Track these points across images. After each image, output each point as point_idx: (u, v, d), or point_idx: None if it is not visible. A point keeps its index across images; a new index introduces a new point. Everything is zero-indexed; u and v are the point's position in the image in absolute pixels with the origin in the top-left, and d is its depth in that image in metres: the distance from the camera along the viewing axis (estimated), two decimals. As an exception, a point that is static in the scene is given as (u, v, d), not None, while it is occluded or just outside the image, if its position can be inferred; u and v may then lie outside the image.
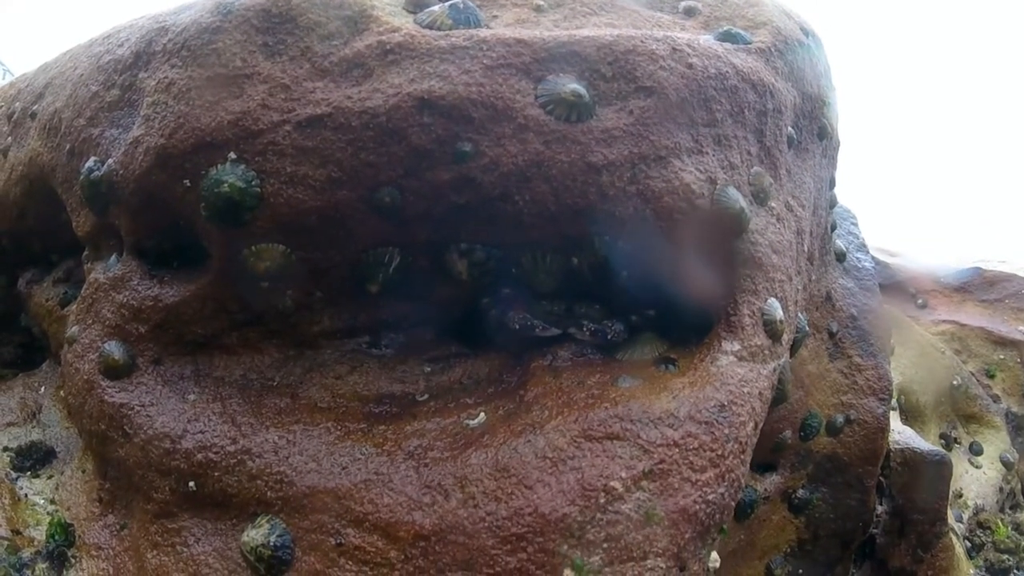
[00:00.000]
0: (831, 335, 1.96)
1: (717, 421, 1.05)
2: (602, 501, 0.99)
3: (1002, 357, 2.52)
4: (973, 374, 2.50)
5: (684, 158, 1.17)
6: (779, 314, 1.26)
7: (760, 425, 1.22)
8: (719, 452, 1.05)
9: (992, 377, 2.53)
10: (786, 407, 1.85)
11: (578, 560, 0.97)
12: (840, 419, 1.97)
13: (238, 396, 1.31)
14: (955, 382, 2.43)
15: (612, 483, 1.00)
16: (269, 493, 1.20)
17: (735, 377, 1.12)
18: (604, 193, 1.12)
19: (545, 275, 1.19)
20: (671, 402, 1.06)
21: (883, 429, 2.02)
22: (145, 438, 1.30)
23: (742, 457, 1.08)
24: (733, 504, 1.10)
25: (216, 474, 1.24)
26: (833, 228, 1.93)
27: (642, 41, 1.19)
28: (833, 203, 1.87)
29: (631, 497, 1.00)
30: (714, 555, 1.12)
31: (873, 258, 2.70)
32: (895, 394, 2.33)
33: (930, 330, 2.52)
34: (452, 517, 1.04)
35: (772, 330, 1.23)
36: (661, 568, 0.99)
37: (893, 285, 2.67)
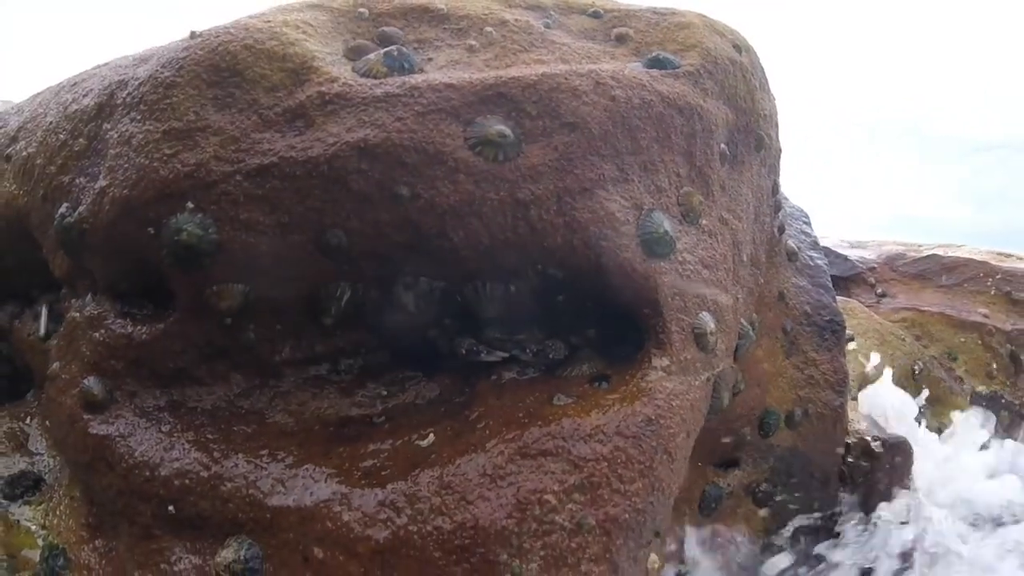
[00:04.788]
0: (785, 333, 2.06)
1: (644, 434, 1.16)
2: (537, 513, 1.10)
3: (963, 340, 2.62)
4: (935, 358, 2.60)
5: (609, 187, 1.26)
6: (711, 326, 1.36)
7: (695, 433, 1.32)
8: (647, 464, 1.15)
9: (955, 360, 2.63)
10: (744, 406, 1.95)
11: (517, 567, 1.08)
12: (799, 413, 2.07)
13: (210, 425, 1.42)
14: (916, 368, 2.53)
15: (546, 496, 1.10)
16: (240, 514, 1.31)
17: (664, 391, 1.22)
18: (533, 226, 1.22)
19: (487, 303, 1.29)
20: (601, 418, 1.16)
21: (841, 419, 2.13)
22: (126, 467, 1.41)
23: (672, 467, 1.19)
24: (666, 508, 1.21)
25: (192, 499, 1.35)
26: (782, 230, 2.02)
27: (566, 78, 1.28)
28: (778, 207, 1.96)
29: (564, 508, 1.10)
30: (652, 556, 1.23)
31: (834, 252, 2.80)
32: (857, 382, 2.43)
33: (890, 318, 2.62)
34: (404, 532, 1.14)
35: (703, 343, 1.33)
36: (595, 572, 1.10)
37: (853, 277, 2.77)
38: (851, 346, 2.37)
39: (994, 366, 2.72)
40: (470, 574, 1.09)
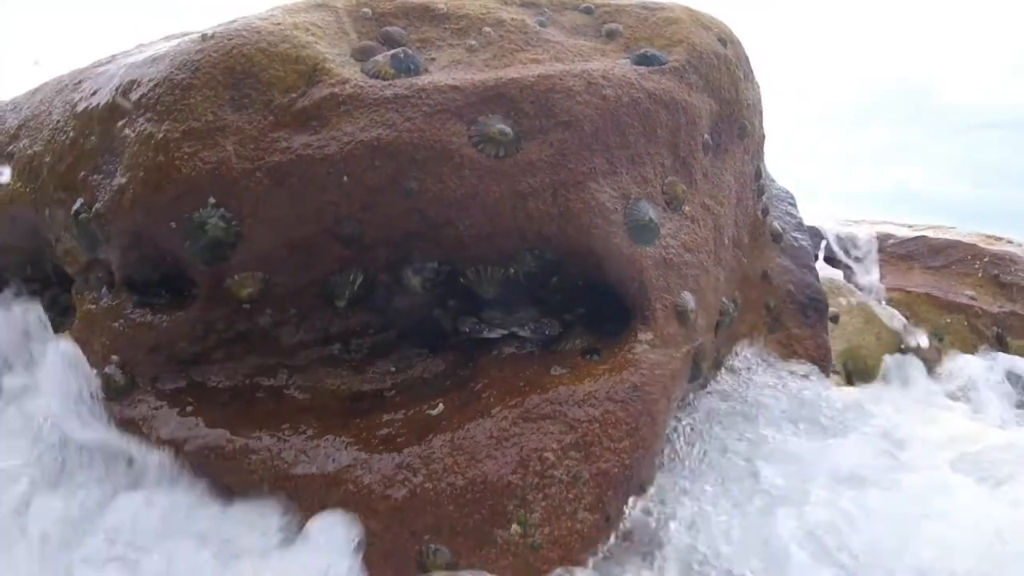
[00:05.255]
0: (768, 310, 2.34)
1: (630, 399, 1.43)
2: (538, 469, 1.37)
3: (949, 321, 2.93)
4: (922, 338, 2.91)
5: (599, 180, 1.53)
6: (691, 305, 1.63)
7: (676, 398, 1.60)
8: (633, 425, 1.43)
9: (941, 340, 2.94)
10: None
11: (522, 517, 1.35)
12: (782, 387, 2.36)
13: (231, 403, 1.66)
14: (902, 345, 2.84)
15: (546, 454, 1.37)
16: (266, 485, 1.56)
17: (648, 362, 1.49)
18: (530, 215, 1.48)
19: (487, 284, 1.55)
20: (593, 385, 1.43)
21: (824, 393, 2.42)
22: (152, 447, 1.65)
23: (654, 428, 1.46)
24: (650, 465, 1.48)
25: (219, 473, 1.60)
26: (766, 212, 2.30)
27: (560, 79, 1.54)
28: (762, 191, 2.23)
29: (562, 464, 1.37)
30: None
31: (821, 231, 3.09)
32: (843, 358, 2.74)
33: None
34: (420, 490, 1.41)
35: (684, 319, 1.61)
36: (589, 519, 1.37)
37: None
38: None
39: (980, 348, 3.04)
40: (481, 524, 1.36)
